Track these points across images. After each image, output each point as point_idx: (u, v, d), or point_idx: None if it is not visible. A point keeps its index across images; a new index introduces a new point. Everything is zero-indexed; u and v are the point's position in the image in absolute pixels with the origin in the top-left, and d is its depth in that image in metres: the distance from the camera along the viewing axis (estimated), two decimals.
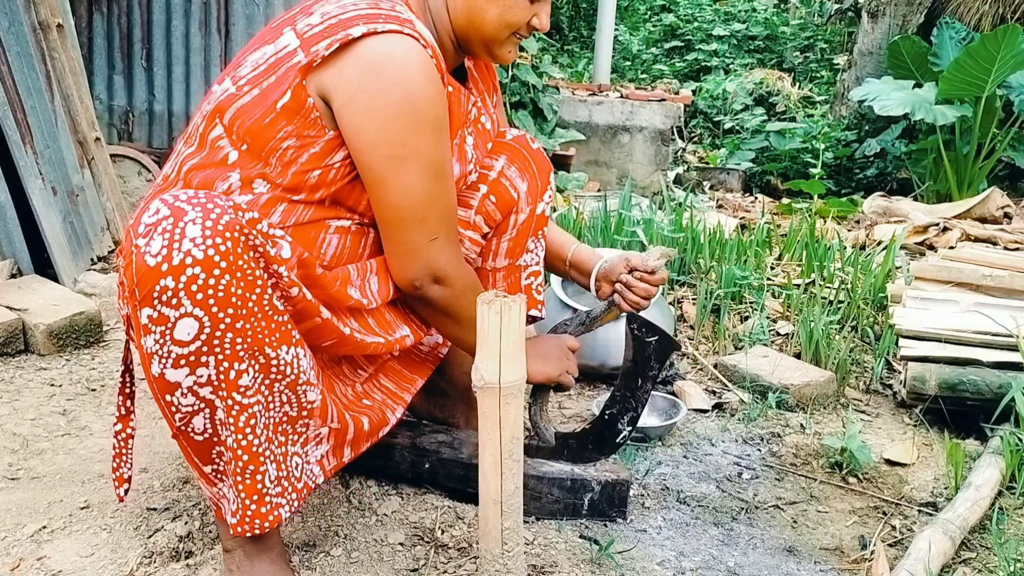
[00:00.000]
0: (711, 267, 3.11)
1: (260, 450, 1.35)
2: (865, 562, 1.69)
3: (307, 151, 1.40)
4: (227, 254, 1.22)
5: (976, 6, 5.87)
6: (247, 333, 1.27)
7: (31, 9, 3.08)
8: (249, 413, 1.32)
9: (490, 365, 1.28)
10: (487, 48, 1.54)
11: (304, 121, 1.38)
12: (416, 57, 1.37)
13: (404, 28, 1.37)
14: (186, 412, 1.30)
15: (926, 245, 4.01)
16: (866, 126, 6.24)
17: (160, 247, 1.20)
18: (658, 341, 1.71)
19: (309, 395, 1.40)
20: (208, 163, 1.43)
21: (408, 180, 1.40)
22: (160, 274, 1.20)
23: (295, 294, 1.35)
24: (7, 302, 2.53)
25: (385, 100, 1.35)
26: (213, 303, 1.23)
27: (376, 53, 1.35)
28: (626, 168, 5.71)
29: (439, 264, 1.47)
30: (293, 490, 1.42)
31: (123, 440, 1.56)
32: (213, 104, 1.43)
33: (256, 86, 1.40)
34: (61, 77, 3.18)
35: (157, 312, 1.22)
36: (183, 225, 1.21)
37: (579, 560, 1.61)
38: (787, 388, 2.33)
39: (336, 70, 1.35)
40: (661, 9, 9.95)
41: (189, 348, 1.24)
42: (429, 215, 1.43)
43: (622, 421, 1.76)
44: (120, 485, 1.57)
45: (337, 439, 1.52)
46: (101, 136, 3.39)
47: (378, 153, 1.38)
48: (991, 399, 2.17)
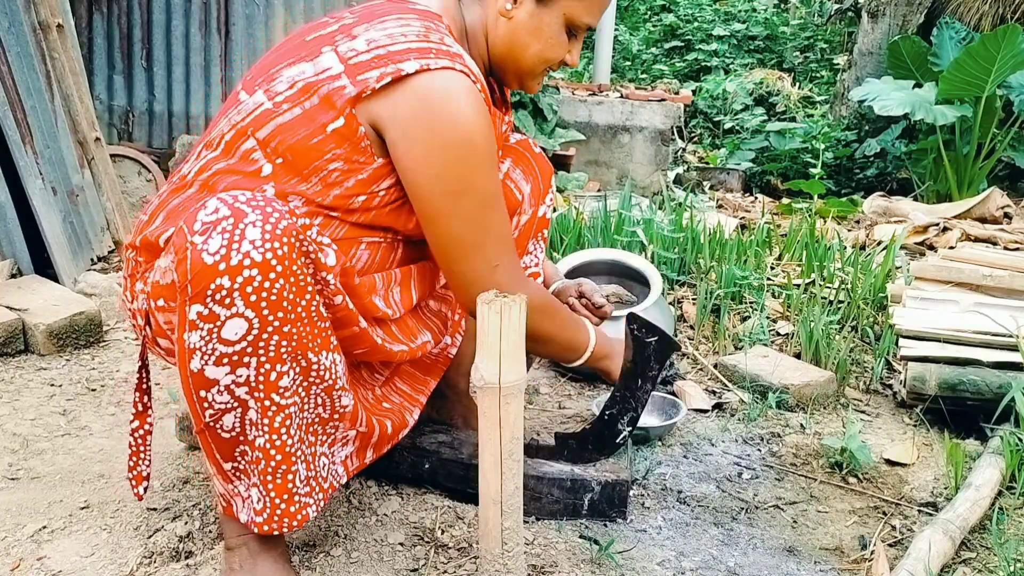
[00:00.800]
0: (711, 267, 3.11)
1: (293, 450, 1.36)
2: (865, 562, 1.69)
3: (354, 176, 1.42)
4: (283, 258, 1.24)
5: (976, 6, 5.87)
6: (292, 337, 1.28)
7: (31, 9, 3.08)
8: (285, 414, 1.33)
9: (490, 365, 1.28)
10: (519, 79, 1.58)
11: (354, 147, 1.40)
12: (468, 94, 1.38)
13: (456, 64, 1.38)
14: (218, 409, 1.31)
15: (926, 245, 4.02)
16: (866, 126, 6.24)
17: (219, 246, 1.22)
18: (658, 342, 1.71)
19: (343, 400, 1.42)
20: (238, 171, 1.42)
21: (466, 213, 1.42)
22: (217, 273, 1.21)
23: (338, 302, 1.36)
24: (7, 302, 2.54)
25: (442, 139, 1.37)
26: (265, 306, 1.24)
27: (430, 90, 1.36)
28: (626, 168, 5.71)
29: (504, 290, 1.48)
30: (320, 490, 1.44)
31: (140, 437, 1.56)
32: (244, 116, 1.42)
33: (297, 105, 1.39)
34: (61, 77, 3.18)
35: (208, 309, 1.23)
36: (243, 227, 1.22)
37: (579, 560, 1.61)
38: (787, 388, 2.33)
39: (389, 104, 1.37)
40: (661, 9, 9.95)
41: (234, 348, 1.25)
42: (488, 244, 1.46)
43: (622, 421, 1.76)
44: (139, 483, 1.57)
45: (362, 441, 1.54)
46: (101, 136, 3.39)
47: (436, 189, 1.40)
48: (991, 399, 2.17)
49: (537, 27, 1.51)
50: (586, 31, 1.57)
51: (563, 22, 1.52)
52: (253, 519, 1.39)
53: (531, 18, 1.51)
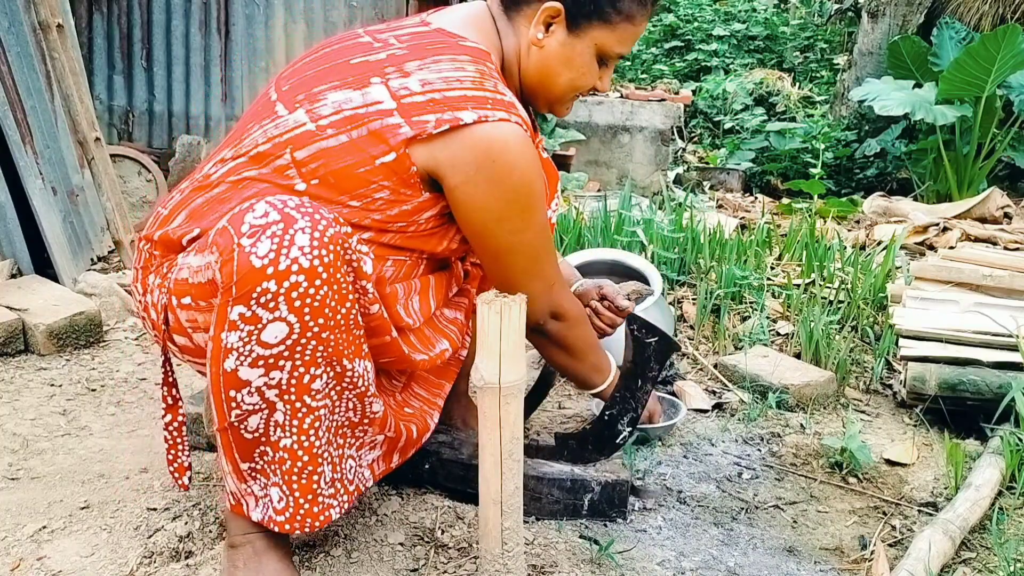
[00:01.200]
0: (711, 267, 3.11)
1: (320, 451, 1.37)
2: (865, 562, 1.69)
3: (399, 207, 1.44)
4: (329, 266, 1.26)
5: (976, 6, 5.88)
6: (330, 343, 1.30)
7: (31, 9, 3.08)
8: (315, 416, 1.34)
9: (490, 365, 1.28)
10: (549, 104, 1.62)
11: (403, 182, 1.42)
12: (524, 144, 1.44)
13: (511, 116, 1.42)
14: (245, 410, 1.31)
15: (926, 245, 4.02)
16: (866, 126, 6.25)
17: (268, 250, 1.23)
18: (658, 342, 1.71)
19: (374, 406, 1.44)
20: (269, 180, 1.42)
21: (528, 247, 1.52)
22: (264, 276, 1.23)
23: (375, 311, 1.38)
24: (7, 302, 2.54)
25: (504, 187, 1.43)
26: (307, 311, 1.26)
27: (491, 142, 1.40)
28: (626, 168, 5.71)
29: (558, 304, 1.63)
30: (344, 492, 1.45)
31: (175, 430, 1.55)
32: (283, 132, 1.42)
33: (343, 132, 1.39)
34: (61, 77, 3.18)
35: (251, 312, 1.24)
36: (293, 232, 1.24)
37: (579, 560, 1.61)
38: (787, 388, 2.33)
39: (447, 150, 1.39)
40: (661, 9, 9.95)
41: (272, 351, 1.27)
42: (545, 268, 1.58)
43: (622, 422, 1.76)
44: (182, 474, 1.56)
45: (390, 446, 1.56)
46: (101, 136, 3.39)
47: (502, 230, 1.48)
48: (991, 399, 2.17)
49: (569, 56, 1.54)
50: (618, 59, 1.60)
51: (594, 52, 1.54)
52: (273, 518, 1.39)
53: (563, 47, 1.53)
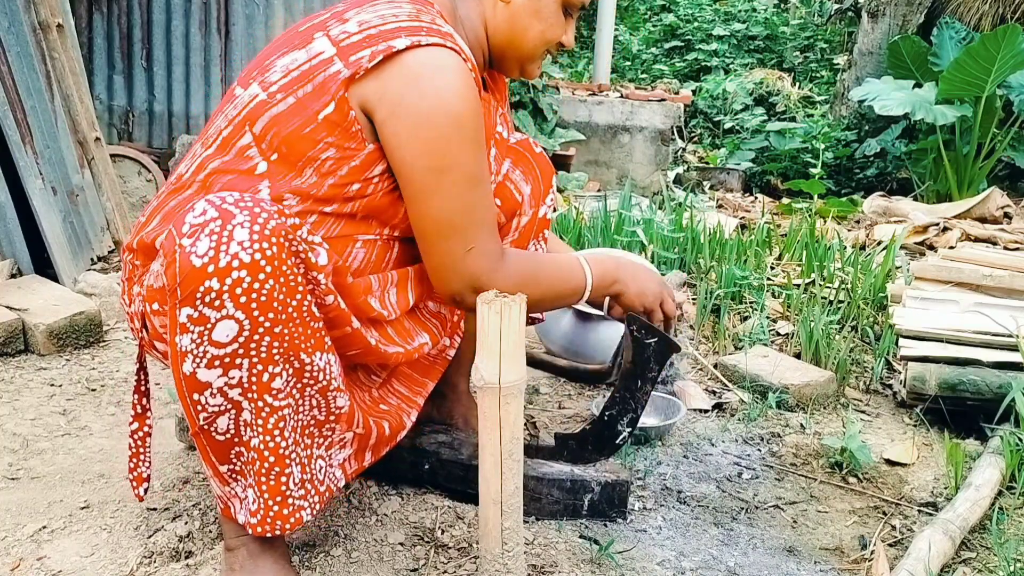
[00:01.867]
0: (711, 267, 3.11)
1: (287, 452, 1.35)
2: (865, 562, 1.69)
3: (347, 164, 1.41)
4: (272, 259, 1.23)
5: (976, 6, 5.87)
6: (284, 338, 1.28)
7: (31, 9, 3.08)
8: (279, 416, 1.32)
9: (490, 365, 1.28)
10: (521, 64, 1.58)
11: (345, 134, 1.39)
12: (458, 71, 1.38)
13: (447, 42, 1.39)
14: (212, 412, 1.30)
15: (926, 245, 4.02)
16: (866, 126, 6.25)
17: (207, 248, 1.21)
18: (658, 343, 1.70)
19: (338, 401, 1.42)
20: (234, 169, 1.42)
21: (448, 191, 1.41)
22: (205, 275, 1.21)
23: (330, 302, 1.36)
24: (7, 302, 2.54)
25: (429, 114, 1.36)
26: (255, 307, 1.23)
27: (420, 66, 1.36)
28: (626, 168, 5.71)
29: (476, 274, 1.46)
30: (315, 493, 1.43)
31: (140, 439, 1.56)
32: (240, 110, 1.42)
33: (290, 94, 1.39)
34: (61, 77, 3.18)
35: (198, 312, 1.23)
36: (231, 228, 1.22)
37: (579, 560, 1.61)
38: (787, 388, 2.33)
39: (379, 83, 1.36)
40: (661, 9, 9.96)
41: (226, 350, 1.25)
42: (466, 225, 1.44)
43: (622, 422, 1.75)
44: (139, 484, 1.57)
45: (360, 443, 1.53)
46: (101, 136, 3.39)
47: (420, 165, 1.39)
48: (991, 399, 2.17)
49: (536, 8, 1.53)
50: (579, 10, 1.59)
51: (561, 2, 1.54)
52: (248, 520, 1.38)
53: (529, 1, 1.53)
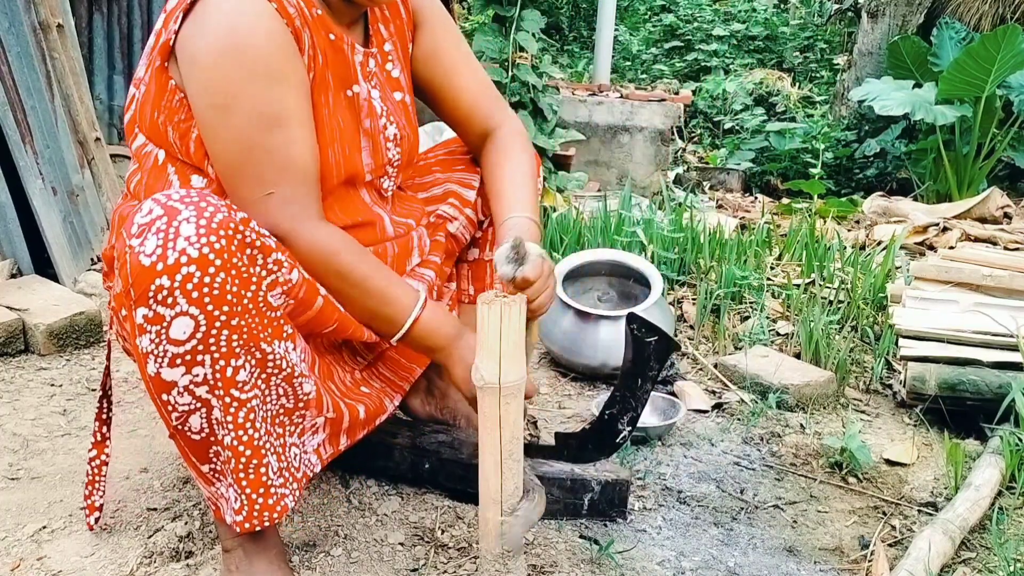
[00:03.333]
0: (711, 267, 3.11)
1: (261, 443, 1.35)
2: (865, 562, 1.69)
3: (189, 139, 1.40)
4: (221, 252, 1.22)
5: (976, 6, 5.87)
6: (242, 330, 1.27)
7: (31, 9, 3.08)
8: (248, 408, 1.32)
9: (490, 365, 1.28)
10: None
11: (171, 108, 1.38)
12: (249, 6, 1.31)
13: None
14: (182, 411, 1.30)
15: (926, 245, 4.02)
16: (866, 126, 6.24)
17: (155, 246, 1.20)
18: (658, 341, 1.70)
19: (305, 387, 1.40)
20: (144, 169, 1.45)
21: (234, 130, 1.33)
22: (155, 273, 1.20)
23: (295, 278, 1.33)
24: (7, 302, 2.53)
25: (207, 49, 1.31)
26: (208, 301, 1.22)
27: (210, 8, 1.32)
28: (626, 168, 5.71)
29: (274, 221, 1.34)
30: (294, 480, 1.43)
31: (96, 467, 1.57)
32: (127, 117, 1.46)
33: (143, 83, 1.42)
34: (61, 77, 3.18)
35: (152, 311, 1.22)
36: (177, 224, 1.21)
37: (579, 560, 1.61)
38: (787, 388, 2.33)
39: (180, 38, 1.35)
40: (661, 9, 9.95)
41: (185, 347, 1.24)
42: (261, 167, 1.34)
43: (622, 421, 1.75)
44: (91, 513, 1.59)
45: (333, 428, 1.52)
46: (101, 136, 3.39)
47: (201, 103, 1.33)
48: (991, 399, 2.17)
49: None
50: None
51: None
52: (235, 519, 1.38)
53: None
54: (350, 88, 1.48)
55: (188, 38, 1.33)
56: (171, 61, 1.37)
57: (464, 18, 6.98)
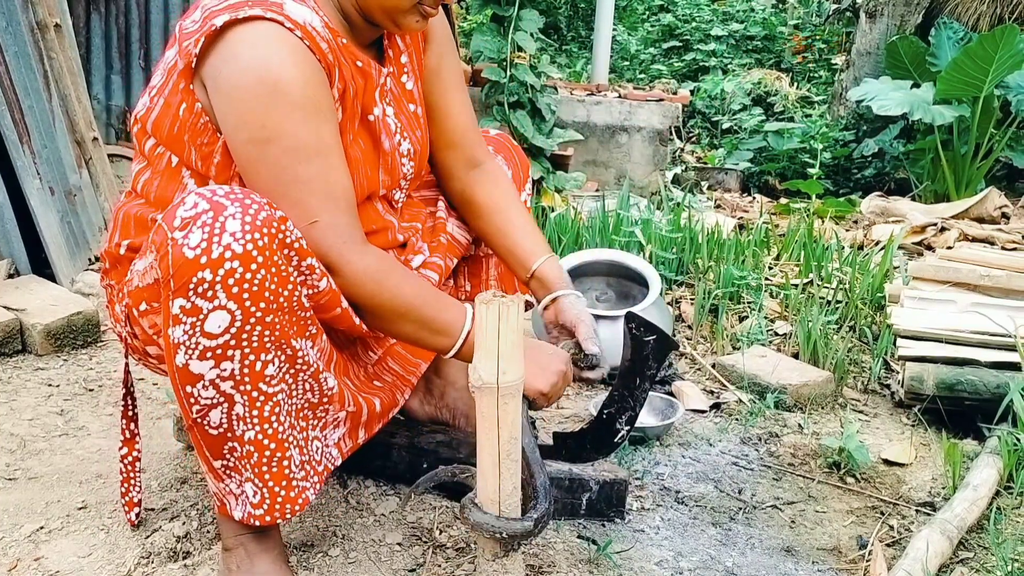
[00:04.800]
0: (709, 267, 3.11)
1: (285, 436, 1.37)
2: (863, 562, 1.69)
3: (212, 163, 1.42)
4: (264, 249, 1.24)
5: (974, 6, 5.88)
6: (275, 327, 1.29)
7: (29, 9, 3.07)
8: (274, 402, 1.34)
9: (488, 365, 1.28)
10: (391, 18, 1.46)
11: (194, 130, 1.40)
12: (277, 40, 1.33)
13: (267, 13, 1.34)
14: (204, 405, 1.31)
15: (924, 245, 4.02)
16: (864, 126, 6.24)
17: (200, 240, 1.22)
18: (656, 341, 1.70)
19: (329, 382, 1.43)
20: (156, 172, 1.46)
21: (273, 162, 1.34)
22: (199, 266, 1.22)
23: (323, 286, 1.36)
24: (5, 302, 2.53)
25: (244, 85, 1.32)
26: (247, 297, 1.24)
27: (237, 40, 1.33)
28: (624, 168, 5.70)
29: (322, 250, 1.36)
30: (315, 473, 1.45)
31: (129, 464, 1.59)
32: (137, 118, 1.46)
33: (161, 95, 1.42)
34: (59, 77, 3.17)
35: (191, 303, 1.24)
36: (223, 219, 1.23)
37: (577, 560, 1.61)
38: (785, 388, 2.33)
39: (207, 66, 1.35)
40: (659, 9, 9.95)
41: (218, 341, 1.26)
42: (304, 198, 1.36)
43: (620, 421, 1.75)
44: (131, 509, 1.60)
45: (353, 421, 1.54)
46: (99, 136, 3.39)
47: (240, 138, 1.35)
48: (989, 399, 2.17)
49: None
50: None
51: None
52: (252, 512, 1.39)
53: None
54: (371, 113, 1.52)
55: (218, 71, 1.34)
56: (195, 83, 1.37)
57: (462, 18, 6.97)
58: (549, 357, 1.53)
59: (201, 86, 1.37)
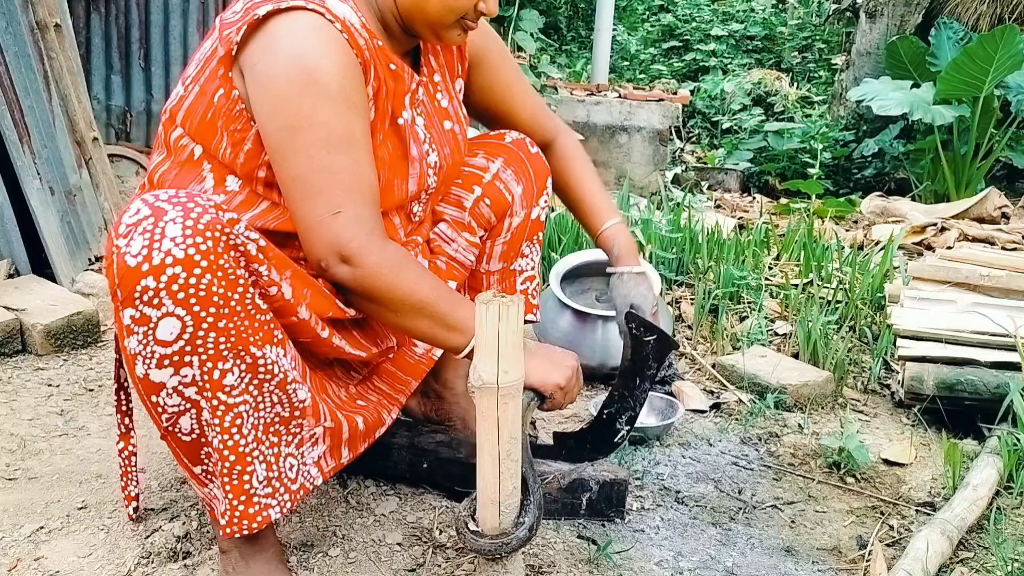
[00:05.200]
0: (709, 267, 3.11)
1: (247, 450, 1.34)
2: (863, 562, 1.69)
3: (241, 149, 1.40)
4: (208, 253, 1.22)
5: (974, 6, 5.88)
6: (230, 332, 1.27)
7: (29, 9, 3.07)
8: (235, 413, 1.31)
9: (488, 365, 1.28)
10: (433, 31, 1.48)
11: (230, 116, 1.38)
12: (317, 30, 1.34)
13: (309, 4, 1.35)
14: (172, 413, 1.30)
15: (924, 245, 4.02)
16: (864, 126, 6.24)
17: (141, 247, 1.20)
18: (656, 340, 1.70)
19: (299, 394, 1.39)
20: (177, 163, 1.44)
21: (303, 150, 1.34)
22: (141, 274, 1.20)
23: (273, 293, 1.34)
24: (5, 302, 2.53)
25: (279, 71, 1.32)
26: (195, 302, 1.22)
27: (276, 29, 1.34)
28: (624, 168, 5.70)
29: (343, 240, 1.34)
30: (286, 491, 1.41)
31: (126, 458, 1.58)
32: (168, 108, 1.46)
33: (197, 83, 1.41)
34: (59, 77, 3.17)
35: (139, 312, 1.22)
36: (163, 224, 1.21)
37: (577, 560, 1.61)
38: (785, 388, 2.33)
39: (246, 54, 1.36)
40: (659, 9, 9.95)
41: (172, 348, 1.24)
42: (330, 187, 1.35)
43: (620, 421, 1.75)
44: (129, 503, 1.59)
45: (333, 439, 1.51)
46: (99, 136, 3.38)
47: (274, 125, 1.34)
48: (988, 399, 2.17)
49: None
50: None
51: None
52: (219, 521, 1.38)
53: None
54: (401, 116, 1.51)
55: (257, 58, 1.34)
56: (234, 70, 1.37)
57: None
58: (561, 355, 1.54)
59: (239, 74, 1.37)
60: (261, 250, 1.31)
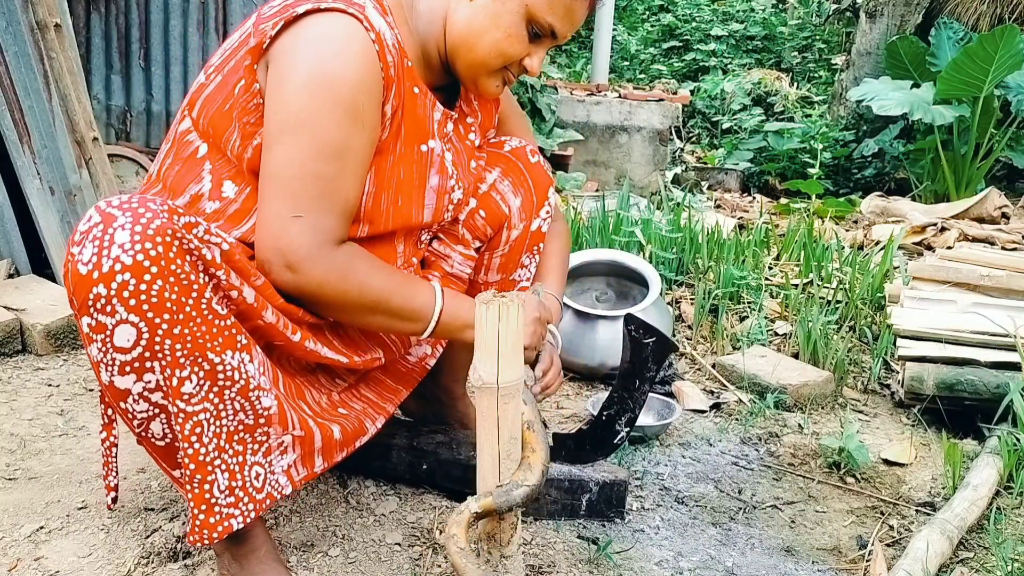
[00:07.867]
0: (709, 267, 3.11)
1: (208, 459, 1.31)
2: (863, 562, 1.69)
3: (250, 143, 1.38)
4: (158, 259, 1.20)
5: (974, 6, 5.88)
6: (186, 338, 1.24)
7: (29, 9, 3.07)
8: (195, 421, 1.28)
9: (488, 365, 1.28)
10: (472, 73, 1.47)
11: (244, 108, 1.37)
12: (349, 35, 1.33)
13: (349, 8, 1.34)
14: (142, 418, 1.29)
15: (924, 245, 4.02)
16: (864, 126, 6.25)
17: (91, 254, 1.19)
18: (655, 342, 1.70)
19: (264, 401, 1.36)
20: (180, 157, 1.44)
21: (292, 150, 1.32)
22: (92, 282, 1.19)
23: (234, 296, 1.32)
24: (5, 302, 2.53)
25: (299, 68, 1.32)
26: (147, 308, 1.20)
27: (310, 28, 1.33)
28: (624, 168, 5.71)
29: (292, 246, 1.32)
30: (250, 500, 1.38)
31: (108, 448, 1.56)
32: (186, 97, 1.45)
33: (220, 72, 1.40)
34: (59, 77, 3.17)
35: (95, 320, 1.21)
36: (112, 231, 1.19)
37: (577, 560, 1.61)
38: (785, 388, 2.33)
39: (275, 47, 1.35)
40: (659, 9, 9.96)
41: (131, 355, 1.22)
42: (303, 191, 1.33)
43: (619, 422, 1.76)
44: (108, 493, 1.58)
45: (304, 448, 1.46)
46: (99, 136, 3.38)
47: (274, 118, 1.33)
48: (989, 399, 2.17)
49: (497, 13, 1.42)
50: (551, 37, 1.46)
51: (524, 14, 1.42)
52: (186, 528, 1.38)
53: (493, 2, 1.42)
54: (425, 143, 1.49)
55: (284, 51, 1.33)
56: (260, 63, 1.36)
57: None
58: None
59: (264, 68, 1.36)
60: (224, 254, 1.29)
